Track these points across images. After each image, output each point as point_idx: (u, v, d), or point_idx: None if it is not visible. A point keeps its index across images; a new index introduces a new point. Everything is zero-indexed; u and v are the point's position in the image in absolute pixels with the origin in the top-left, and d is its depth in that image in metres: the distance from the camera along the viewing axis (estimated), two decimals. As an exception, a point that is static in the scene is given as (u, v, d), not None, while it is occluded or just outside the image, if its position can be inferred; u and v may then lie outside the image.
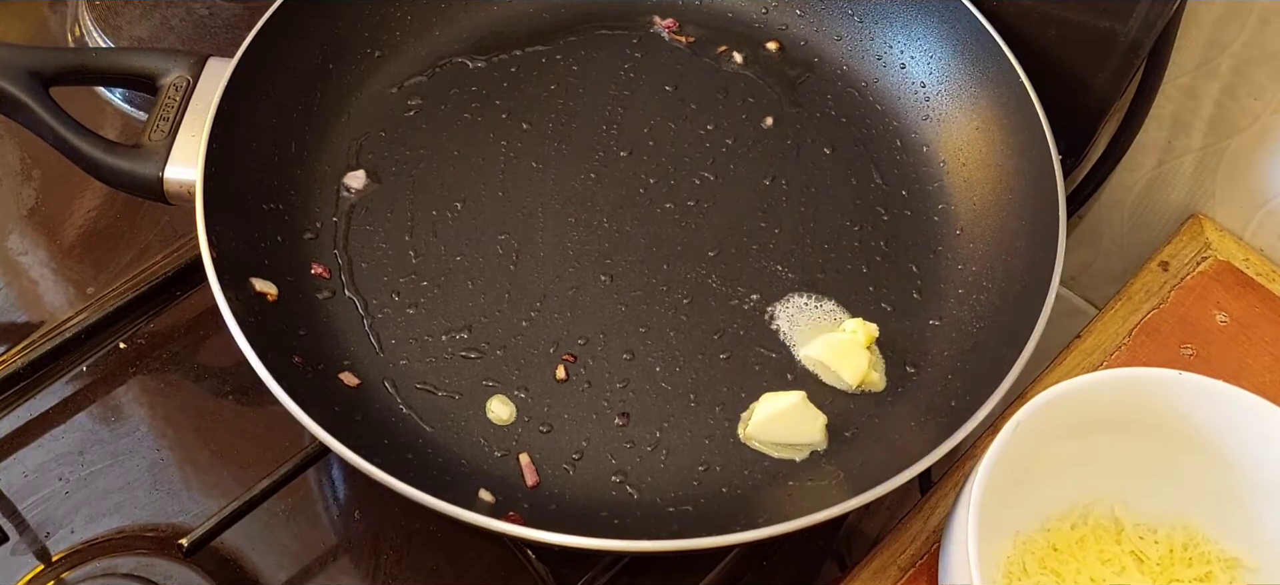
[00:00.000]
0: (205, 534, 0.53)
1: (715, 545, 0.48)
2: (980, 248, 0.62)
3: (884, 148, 0.67)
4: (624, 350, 0.58)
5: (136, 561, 0.55)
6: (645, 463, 0.54)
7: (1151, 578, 0.51)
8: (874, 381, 0.57)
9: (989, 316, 0.59)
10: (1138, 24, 0.59)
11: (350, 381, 0.55)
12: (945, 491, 0.57)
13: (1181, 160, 0.68)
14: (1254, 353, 0.61)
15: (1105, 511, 0.53)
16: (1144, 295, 0.64)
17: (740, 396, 0.57)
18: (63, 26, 0.80)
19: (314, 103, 0.64)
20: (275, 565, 0.56)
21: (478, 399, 0.56)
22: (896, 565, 0.54)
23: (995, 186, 0.63)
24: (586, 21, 0.71)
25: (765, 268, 0.61)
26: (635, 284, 0.60)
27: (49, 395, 0.61)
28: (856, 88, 0.69)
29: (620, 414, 0.56)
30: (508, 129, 0.66)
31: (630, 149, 0.66)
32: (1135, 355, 0.62)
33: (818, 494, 0.52)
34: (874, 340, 0.58)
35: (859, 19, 0.70)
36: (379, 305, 0.58)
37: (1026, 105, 0.62)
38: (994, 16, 0.64)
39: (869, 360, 0.57)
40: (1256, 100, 0.62)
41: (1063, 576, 0.50)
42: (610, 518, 0.52)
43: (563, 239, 0.62)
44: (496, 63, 0.69)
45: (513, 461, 0.54)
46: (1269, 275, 0.65)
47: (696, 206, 0.63)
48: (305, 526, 0.57)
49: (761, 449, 0.55)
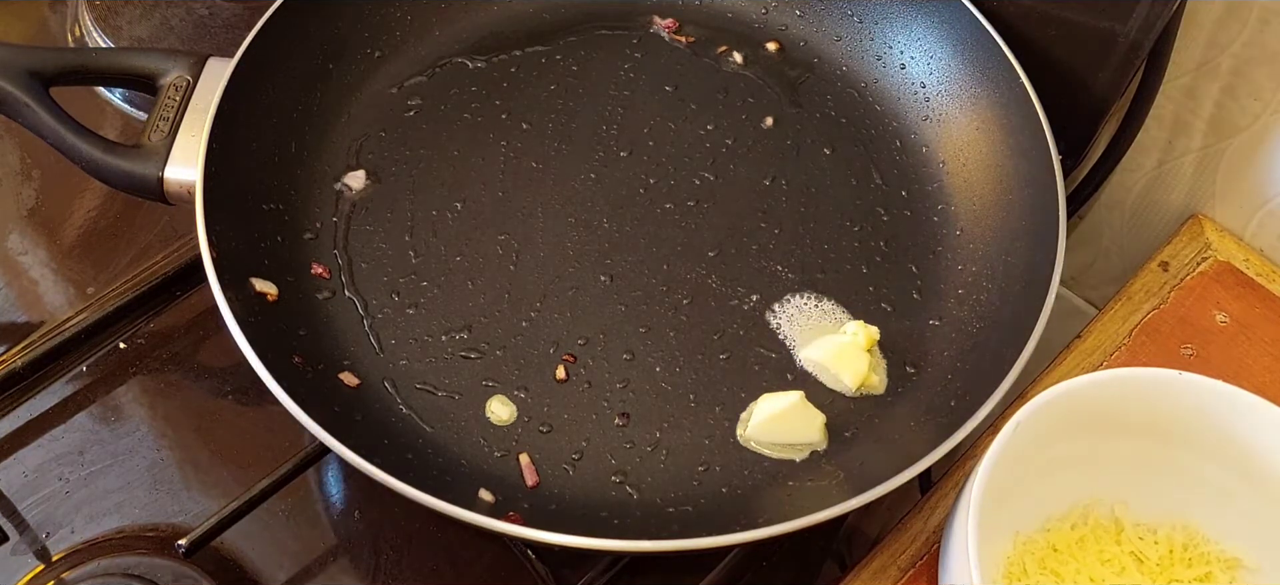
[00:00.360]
0: (205, 534, 0.53)
1: (715, 545, 0.48)
2: (980, 248, 0.62)
3: (884, 148, 0.67)
4: (624, 350, 0.58)
5: (136, 561, 0.55)
6: (645, 463, 0.54)
7: (1151, 578, 0.51)
8: (873, 384, 0.57)
9: (989, 316, 0.59)
10: (1138, 24, 0.59)
11: (350, 381, 0.55)
12: (945, 491, 0.57)
13: (1181, 160, 0.68)
14: (1254, 353, 0.61)
15: (1105, 511, 0.53)
16: (1144, 295, 0.64)
17: (740, 396, 0.57)
18: (63, 26, 0.80)
19: (314, 103, 0.64)
20: (275, 565, 0.56)
21: (478, 399, 0.56)
22: (896, 565, 0.54)
23: (995, 186, 0.63)
24: (586, 21, 0.71)
25: (765, 268, 0.61)
26: (635, 284, 0.60)
27: (49, 395, 0.61)
28: (856, 88, 0.69)
29: (620, 414, 0.56)
30: (508, 129, 0.66)
31: (630, 149, 0.66)
32: (1135, 355, 0.62)
33: (818, 494, 0.52)
34: (875, 343, 0.58)
35: (859, 19, 0.70)
36: (379, 305, 0.58)
37: (1026, 105, 0.62)
38: (994, 16, 0.64)
39: (869, 363, 0.57)
40: (1256, 100, 0.62)
41: (1063, 576, 0.50)
42: (610, 518, 0.52)
43: (563, 239, 0.62)
44: (496, 63, 0.69)
45: (513, 461, 0.54)
46: (1269, 275, 0.65)
47: (696, 206, 0.63)
48: (305, 526, 0.57)
49: (760, 450, 0.55)
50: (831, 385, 0.57)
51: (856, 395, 0.57)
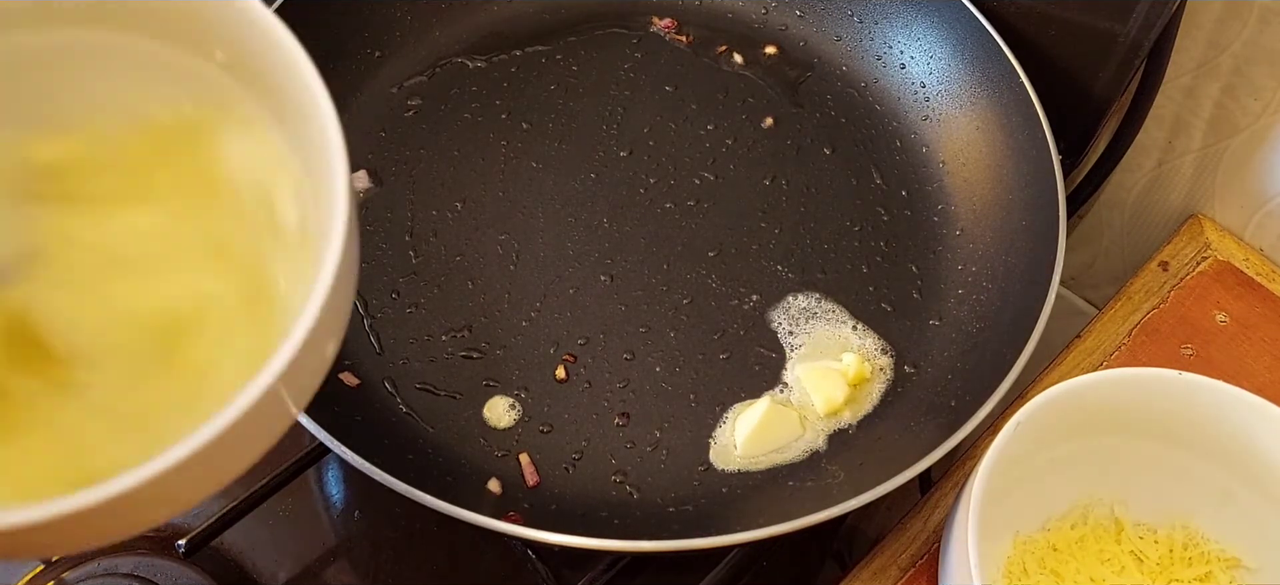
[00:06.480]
0: (205, 534, 0.52)
1: (715, 545, 0.48)
2: (980, 248, 0.62)
3: (884, 148, 0.67)
4: (624, 350, 0.58)
5: (136, 561, 0.55)
6: (645, 463, 0.54)
7: (1151, 578, 0.51)
8: (842, 417, 0.56)
9: (989, 316, 0.59)
10: (1138, 24, 0.59)
11: (350, 381, 0.55)
12: (945, 491, 0.57)
13: (1181, 160, 0.68)
14: (1254, 353, 0.61)
15: (1105, 511, 0.53)
16: (1144, 295, 0.64)
17: (740, 396, 0.57)
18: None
19: (314, 103, 0.64)
20: (275, 565, 0.56)
21: (478, 399, 0.56)
22: (896, 565, 0.54)
23: (995, 186, 0.63)
24: (586, 21, 0.71)
25: (765, 268, 0.61)
26: (635, 284, 0.60)
27: (49, 395, 0.61)
28: (856, 88, 0.69)
29: (620, 414, 0.56)
30: (508, 129, 0.66)
31: (630, 149, 0.66)
32: (1135, 355, 0.62)
33: (818, 494, 0.52)
34: (864, 380, 0.57)
35: (859, 19, 0.70)
36: (379, 305, 0.58)
37: (1026, 105, 0.62)
38: (994, 16, 0.64)
39: (846, 395, 0.56)
40: (1256, 100, 0.62)
41: (1063, 576, 0.51)
42: (610, 518, 0.52)
43: (563, 239, 0.62)
44: (496, 63, 0.69)
45: (513, 461, 0.54)
46: (1269, 275, 0.65)
47: (696, 206, 0.63)
48: (305, 526, 0.57)
49: (756, 467, 0.55)
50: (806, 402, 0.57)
51: (846, 397, 0.57)
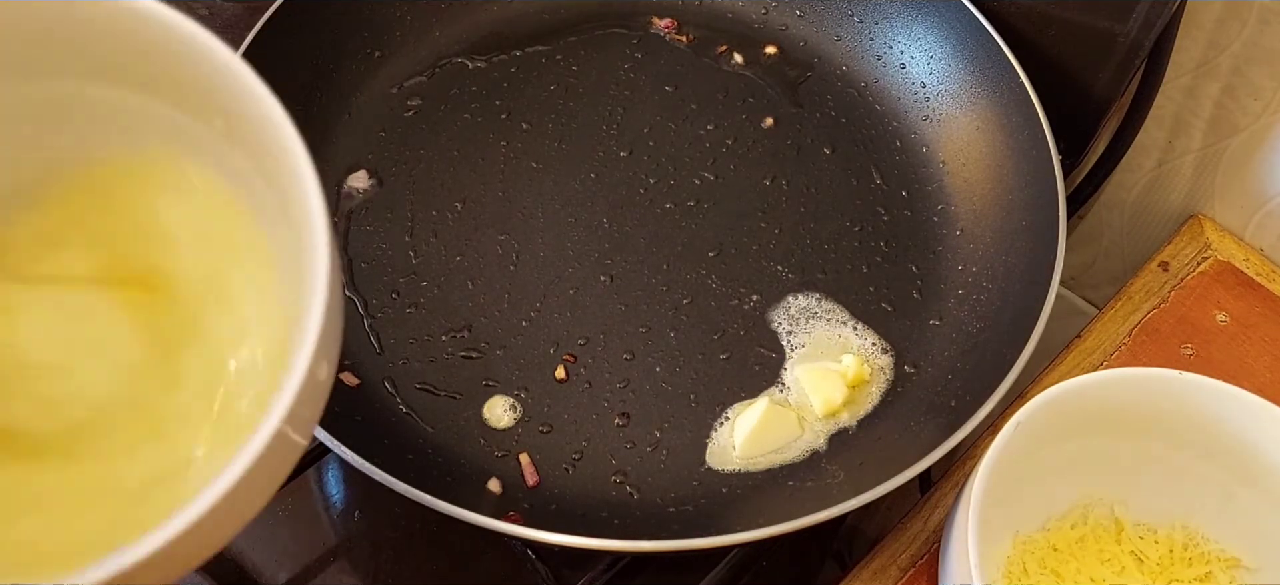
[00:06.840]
0: (205, 534, 0.52)
1: (715, 545, 0.48)
2: (980, 248, 0.62)
3: (884, 148, 0.67)
4: (624, 350, 0.58)
5: (136, 561, 0.55)
6: (645, 463, 0.54)
7: (1151, 578, 0.51)
8: (841, 418, 0.56)
9: (989, 316, 0.59)
10: (1138, 24, 0.59)
11: (350, 381, 0.55)
12: (945, 491, 0.57)
13: (1181, 160, 0.68)
14: (1254, 353, 0.61)
15: (1105, 511, 0.53)
16: (1144, 295, 0.64)
17: (740, 396, 0.57)
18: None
19: (314, 103, 0.64)
20: (275, 565, 0.56)
21: (477, 399, 0.56)
22: (896, 565, 0.54)
23: (995, 186, 0.63)
24: (586, 21, 0.71)
25: (765, 268, 0.61)
26: (635, 284, 0.60)
27: (49, 395, 0.61)
28: (856, 88, 0.69)
29: (620, 414, 0.56)
30: (508, 129, 0.66)
31: (630, 149, 0.66)
32: (1135, 355, 0.62)
33: (818, 494, 0.52)
34: (862, 381, 0.58)
35: (859, 19, 0.70)
36: (379, 305, 0.58)
37: (1026, 105, 0.62)
38: (994, 16, 0.64)
39: (844, 397, 0.56)
40: (1256, 100, 0.62)
41: (1063, 576, 0.51)
42: (610, 518, 0.52)
43: (563, 239, 0.62)
44: (496, 63, 0.69)
45: (513, 461, 0.54)
46: (1269, 275, 0.65)
47: (696, 206, 0.63)
48: (305, 526, 0.57)
49: (755, 468, 0.55)
50: (804, 402, 0.57)
51: (845, 397, 0.57)
